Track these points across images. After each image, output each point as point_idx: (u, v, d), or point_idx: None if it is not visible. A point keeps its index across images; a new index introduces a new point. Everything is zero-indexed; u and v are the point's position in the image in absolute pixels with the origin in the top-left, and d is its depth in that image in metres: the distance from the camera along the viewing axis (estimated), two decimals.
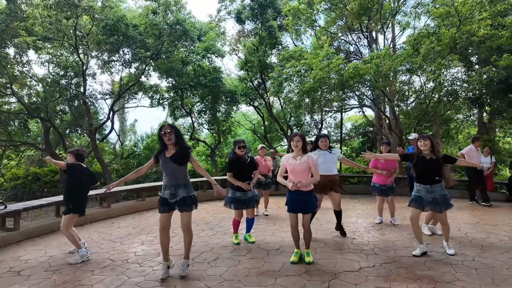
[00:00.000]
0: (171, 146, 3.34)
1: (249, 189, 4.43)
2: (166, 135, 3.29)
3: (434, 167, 3.81)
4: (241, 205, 4.46)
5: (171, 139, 3.30)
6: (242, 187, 4.40)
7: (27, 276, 3.50)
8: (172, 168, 3.33)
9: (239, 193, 4.46)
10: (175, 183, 3.35)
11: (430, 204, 3.83)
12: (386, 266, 3.58)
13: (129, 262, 3.89)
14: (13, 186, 14.84)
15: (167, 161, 3.32)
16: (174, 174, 3.35)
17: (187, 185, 3.42)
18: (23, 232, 5.00)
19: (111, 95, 15.53)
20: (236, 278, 3.35)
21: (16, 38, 11.30)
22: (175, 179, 3.36)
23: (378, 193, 5.67)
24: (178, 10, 12.12)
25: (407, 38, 10.92)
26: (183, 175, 3.41)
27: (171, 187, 3.36)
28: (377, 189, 5.67)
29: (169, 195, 3.35)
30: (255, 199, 4.58)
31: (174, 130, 3.35)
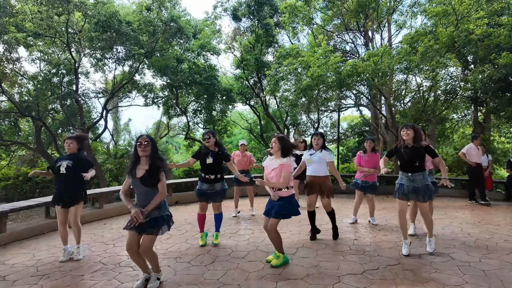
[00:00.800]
0: (144, 159, 2.99)
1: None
2: (142, 146, 2.96)
3: (415, 155, 3.75)
4: (205, 198, 4.29)
5: (146, 151, 2.97)
6: (208, 179, 4.23)
7: (13, 282, 3.29)
8: (142, 189, 2.97)
9: (206, 185, 4.28)
10: (145, 204, 2.95)
11: (412, 193, 3.77)
12: (391, 269, 3.44)
13: (122, 266, 3.69)
14: (3, 186, 14.47)
15: (136, 182, 2.96)
16: (146, 196, 2.97)
17: (161, 204, 3.02)
18: (10, 234, 4.77)
19: (105, 94, 15.26)
20: (235, 282, 3.18)
21: (5, 34, 10.98)
22: (145, 200, 2.96)
23: (358, 189, 5.54)
24: (173, 7, 11.91)
25: (405, 36, 10.86)
26: (154, 195, 2.97)
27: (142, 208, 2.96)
28: (358, 186, 5.53)
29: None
30: (223, 194, 4.36)
31: (151, 142, 3.02)
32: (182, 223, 5.79)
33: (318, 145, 4.50)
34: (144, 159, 3.01)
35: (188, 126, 15.51)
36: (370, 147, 5.45)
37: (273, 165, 3.54)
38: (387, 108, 13.51)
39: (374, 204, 5.61)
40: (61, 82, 13.26)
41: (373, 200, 5.57)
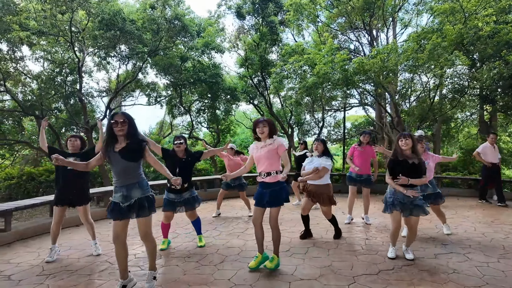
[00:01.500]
0: (122, 138, 2.75)
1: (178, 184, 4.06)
2: (118, 125, 2.69)
3: (415, 172, 3.42)
4: (173, 207, 4.03)
5: (123, 130, 2.71)
6: (174, 189, 3.95)
7: (18, 281, 3.21)
8: (122, 164, 2.72)
9: (173, 194, 4.02)
10: (127, 182, 2.75)
11: (407, 209, 3.47)
12: (407, 269, 3.33)
13: (129, 265, 3.58)
14: (7, 186, 14.43)
15: (115, 156, 2.72)
16: (125, 172, 2.74)
17: (142, 183, 2.81)
18: (15, 233, 4.70)
19: (108, 93, 15.20)
20: (246, 282, 3.08)
21: (9, 33, 10.94)
22: (126, 178, 2.75)
23: (353, 183, 5.38)
24: (177, 5, 11.83)
25: (411, 34, 10.72)
26: (136, 172, 2.79)
27: (122, 188, 2.75)
28: (352, 180, 5.37)
29: (121, 198, 2.75)
30: (192, 201, 4.10)
31: (128, 120, 2.75)
32: (188, 222, 5.68)
33: (318, 150, 4.36)
34: (122, 138, 2.76)
35: (192, 125, 15.44)
36: (366, 140, 5.37)
37: (261, 148, 3.31)
38: (392, 107, 13.40)
39: (369, 200, 5.44)
40: (65, 81, 13.21)
41: (368, 196, 5.40)
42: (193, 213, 4.19)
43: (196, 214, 4.26)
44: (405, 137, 3.49)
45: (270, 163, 3.26)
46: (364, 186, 5.35)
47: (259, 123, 3.33)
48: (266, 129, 3.30)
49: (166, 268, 3.51)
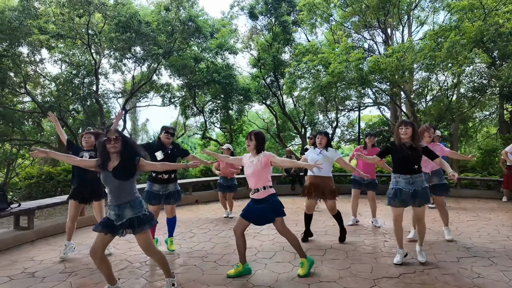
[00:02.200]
0: (115, 155, 2.67)
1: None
2: (111, 142, 2.61)
3: (414, 156, 3.35)
4: (157, 200, 3.84)
5: (116, 147, 2.63)
6: (161, 179, 3.77)
7: (42, 278, 3.29)
8: (115, 184, 2.64)
9: (157, 186, 3.84)
10: (119, 202, 2.67)
11: (411, 198, 3.37)
12: (429, 272, 3.26)
13: (148, 264, 3.65)
14: (27, 185, 14.85)
15: (108, 175, 2.64)
16: (118, 192, 2.67)
17: (134, 202, 2.70)
18: (37, 231, 4.82)
19: (123, 94, 15.49)
20: (265, 283, 3.07)
21: (29, 36, 11.28)
22: (118, 196, 2.67)
23: (356, 187, 5.30)
24: (191, 6, 11.95)
25: (428, 32, 10.51)
26: (128, 191, 2.70)
27: (115, 207, 2.67)
28: (356, 183, 5.29)
29: (115, 217, 2.67)
30: (176, 196, 3.95)
31: (121, 137, 2.68)
32: (204, 222, 5.74)
33: (322, 144, 4.23)
34: (115, 155, 2.69)
35: (205, 125, 15.54)
36: (371, 143, 5.30)
37: (249, 163, 3.25)
38: (408, 106, 13.15)
39: (376, 203, 5.34)
40: (82, 83, 13.53)
41: (374, 199, 5.30)
42: (173, 208, 4.05)
43: (175, 212, 4.12)
44: (406, 125, 3.38)
45: (257, 179, 3.20)
46: (369, 189, 5.26)
47: (249, 134, 3.28)
48: (252, 142, 3.20)
49: (184, 267, 3.53)
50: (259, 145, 3.22)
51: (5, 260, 3.85)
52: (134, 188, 2.77)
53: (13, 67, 12.03)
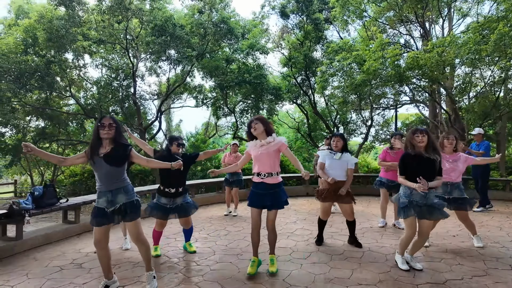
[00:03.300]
0: (107, 141, 2.71)
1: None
2: (105, 128, 2.66)
3: (432, 167, 3.11)
4: (165, 214, 3.68)
5: (110, 134, 2.68)
6: (168, 193, 3.63)
7: (89, 269, 3.49)
8: (106, 169, 2.68)
9: (165, 199, 3.68)
10: (112, 187, 2.72)
11: (424, 212, 3.13)
12: (478, 280, 3.04)
13: (185, 260, 3.75)
14: (71, 182, 15.92)
15: (99, 161, 2.67)
16: (109, 177, 2.71)
17: (128, 188, 2.79)
18: (83, 225, 5.13)
19: (159, 96, 16.07)
20: (302, 284, 3.03)
21: (74, 43, 12.06)
22: (110, 182, 2.71)
23: (383, 187, 5.03)
24: (223, 8, 12.13)
25: (472, 24, 9.84)
26: (120, 178, 2.77)
27: (107, 193, 2.71)
28: (383, 185, 5.02)
29: (105, 203, 2.71)
30: (189, 207, 3.77)
31: (116, 125, 2.72)
32: (237, 220, 5.80)
33: (338, 147, 4.05)
34: (107, 141, 2.73)
35: (236, 125, 15.71)
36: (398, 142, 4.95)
37: (260, 147, 3.16)
38: (448, 103, 12.41)
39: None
40: (120, 86, 14.22)
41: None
42: (188, 220, 3.85)
43: (191, 222, 3.95)
44: (421, 132, 3.15)
45: (272, 163, 3.15)
46: (395, 193, 5.00)
47: (251, 122, 3.22)
48: (259, 125, 3.15)
49: (221, 264, 3.58)
50: (267, 127, 3.20)
51: (56, 252, 4.13)
52: (126, 175, 2.84)
53: (60, 72, 12.93)
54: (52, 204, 4.61)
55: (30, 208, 4.23)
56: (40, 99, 13.96)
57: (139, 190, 5.80)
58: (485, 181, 6.58)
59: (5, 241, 4.09)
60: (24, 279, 3.25)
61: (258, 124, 3.16)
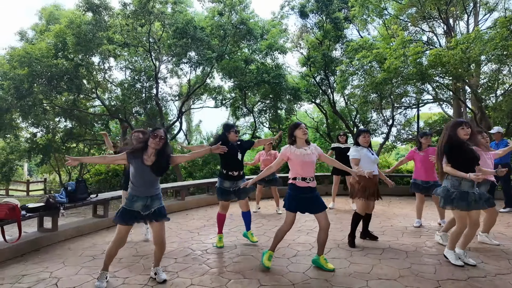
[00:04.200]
0: (153, 151, 2.89)
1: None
2: (157, 138, 2.85)
3: (475, 158, 3.22)
4: (228, 196, 3.95)
5: (159, 145, 2.87)
6: (231, 176, 3.90)
7: (119, 259, 3.70)
8: (150, 177, 2.90)
9: (228, 182, 3.94)
10: (151, 193, 2.93)
11: (475, 201, 3.17)
12: (502, 278, 3.01)
13: (209, 253, 3.90)
14: (96, 181, 16.59)
15: (145, 170, 2.86)
16: (151, 184, 2.93)
17: (160, 194, 3.04)
18: (111, 219, 5.37)
19: (180, 97, 16.46)
20: (322, 277, 3.11)
21: (100, 46, 12.59)
22: (151, 189, 2.93)
23: (419, 190, 4.93)
24: (242, 10, 12.30)
25: (499, 19, 9.51)
26: (158, 184, 3.02)
27: (146, 199, 2.90)
28: (418, 187, 4.92)
29: (141, 207, 2.88)
30: (249, 189, 3.96)
31: (165, 138, 2.92)
32: (256, 217, 5.91)
33: (368, 142, 4.10)
34: (153, 151, 2.90)
35: (255, 125, 15.85)
36: (428, 143, 4.90)
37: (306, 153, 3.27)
38: (473, 102, 12.02)
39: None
40: (143, 87, 14.67)
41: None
42: (247, 202, 4.13)
43: (249, 206, 4.20)
44: (466, 125, 3.23)
45: (313, 169, 3.32)
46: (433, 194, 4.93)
47: (303, 126, 3.33)
48: (307, 133, 3.34)
49: (242, 257, 3.71)
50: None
51: (88, 243, 4.40)
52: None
53: (87, 74, 13.52)
54: (84, 198, 4.90)
55: (64, 202, 4.52)
56: (69, 100, 14.63)
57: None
58: (508, 181, 6.37)
59: (42, 232, 4.41)
60: (61, 266, 3.50)
61: (307, 130, 3.38)
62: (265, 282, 3.01)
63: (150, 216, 2.92)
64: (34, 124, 14.42)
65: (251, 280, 3.04)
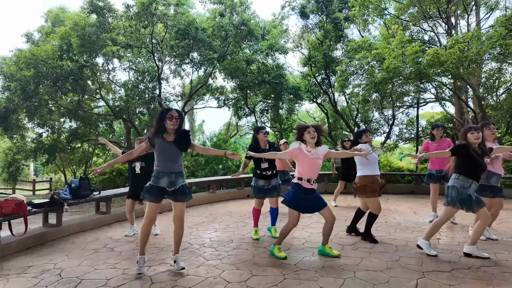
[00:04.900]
0: (172, 131, 3.06)
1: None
2: (173, 119, 3.01)
3: (484, 162, 3.43)
4: (262, 194, 4.26)
5: (176, 125, 3.03)
6: (264, 175, 4.19)
7: (120, 252, 3.87)
8: (174, 153, 3.07)
9: (262, 181, 4.24)
10: (175, 170, 3.08)
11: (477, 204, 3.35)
12: (486, 270, 3.12)
13: (206, 246, 4.05)
14: (100, 180, 16.84)
15: (169, 146, 3.03)
16: (175, 160, 3.07)
17: (183, 173, 3.17)
18: (113, 215, 5.59)
19: (182, 97, 16.67)
20: (312, 268, 3.24)
21: (104, 48, 12.83)
22: (175, 166, 3.08)
23: (433, 181, 5.06)
24: (243, 11, 12.45)
25: (499, 18, 9.54)
26: (181, 161, 3.16)
27: (171, 175, 3.05)
28: (432, 177, 5.05)
29: (167, 183, 3.04)
30: (278, 188, 4.31)
31: (181, 118, 3.08)
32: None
33: (370, 142, 4.20)
34: (172, 131, 3.06)
35: (256, 125, 16.00)
36: (439, 134, 5.06)
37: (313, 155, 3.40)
38: (475, 101, 12.04)
39: None
40: (147, 88, 14.89)
41: None
42: (277, 200, 4.37)
43: (278, 203, 4.40)
44: (476, 130, 3.41)
45: (318, 171, 3.46)
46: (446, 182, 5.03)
47: (311, 130, 3.42)
48: (316, 136, 3.42)
49: (237, 250, 3.86)
50: (319, 139, 3.49)
51: (91, 237, 4.58)
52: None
53: (91, 75, 13.78)
54: (87, 195, 5.07)
55: (68, 198, 4.70)
56: (73, 101, 14.90)
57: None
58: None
59: (47, 227, 4.59)
60: (65, 258, 3.67)
61: (316, 135, 3.44)
62: (257, 273, 3.15)
63: (176, 193, 3.07)
64: (40, 125, 14.71)
65: (244, 271, 3.19)
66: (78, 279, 3.06)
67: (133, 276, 3.11)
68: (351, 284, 2.86)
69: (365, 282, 2.88)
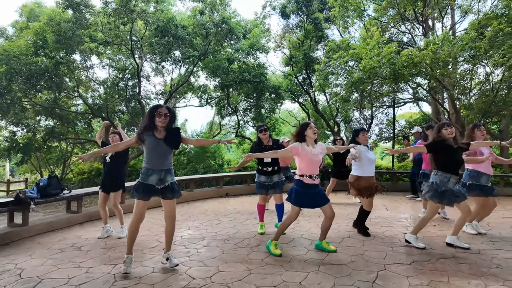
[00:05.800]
0: (162, 129, 3.03)
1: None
2: (162, 116, 2.96)
3: (460, 156, 3.65)
4: (265, 190, 4.31)
5: (165, 122, 2.99)
6: (266, 171, 4.25)
7: (86, 251, 3.80)
8: (164, 151, 3.03)
9: (264, 177, 4.31)
10: (165, 167, 3.05)
11: (456, 197, 3.49)
12: (444, 262, 3.24)
13: (176, 244, 4.03)
14: (79, 180, 16.42)
15: (159, 143, 3.00)
16: (165, 158, 3.05)
17: (173, 170, 3.16)
18: (85, 214, 5.47)
19: (163, 95, 16.45)
20: (278, 263, 3.28)
21: (81, 44, 12.50)
22: (165, 163, 3.05)
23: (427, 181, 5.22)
24: (224, 9, 12.41)
25: (471, 22, 9.90)
26: (171, 160, 3.12)
27: (160, 172, 3.02)
28: (426, 177, 5.14)
29: (156, 181, 3.01)
30: (281, 185, 4.35)
31: (171, 114, 3.04)
32: (231, 212, 6.06)
33: (367, 141, 4.30)
34: (162, 129, 3.03)
35: (239, 124, 15.99)
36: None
37: (315, 152, 3.47)
38: (449, 101, 12.44)
39: None
40: (126, 86, 14.60)
41: None
42: (281, 196, 4.39)
43: (283, 199, 4.37)
44: (449, 126, 3.57)
45: (318, 167, 3.54)
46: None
47: (313, 126, 3.48)
48: (317, 131, 3.53)
49: (207, 247, 3.86)
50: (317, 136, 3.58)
51: (58, 237, 4.47)
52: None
53: (68, 73, 13.40)
54: (56, 194, 4.94)
55: (35, 197, 4.57)
56: (50, 99, 14.44)
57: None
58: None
59: (12, 227, 4.45)
60: (28, 258, 3.57)
61: (317, 129, 3.54)
62: (223, 269, 3.16)
63: (165, 190, 3.05)
64: (14, 123, 14.19)
65: (210, 268, 3.19)
66: (38, 279, 2.98)
67: (97, 275, 3.06)
68: (314, 277, 2.91)
69: (328, 275, 2.94)
